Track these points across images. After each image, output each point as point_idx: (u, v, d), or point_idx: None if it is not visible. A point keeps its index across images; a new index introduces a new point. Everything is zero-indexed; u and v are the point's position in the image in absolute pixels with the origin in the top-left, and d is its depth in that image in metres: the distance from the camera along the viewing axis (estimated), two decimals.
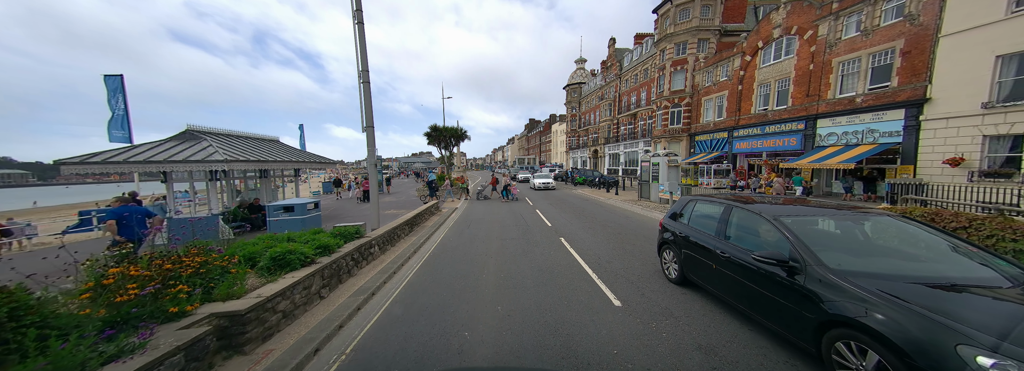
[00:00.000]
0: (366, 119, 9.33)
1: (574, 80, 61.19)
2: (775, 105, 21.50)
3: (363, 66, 9.27)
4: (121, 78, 13.97)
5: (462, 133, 28.56)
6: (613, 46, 47.16)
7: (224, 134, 12.56)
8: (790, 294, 3.00)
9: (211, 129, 12.04)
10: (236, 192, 14.03)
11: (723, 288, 3.93)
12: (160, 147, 10.15)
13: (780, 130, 20.85)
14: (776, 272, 3.13)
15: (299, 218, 7.58)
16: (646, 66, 37.69)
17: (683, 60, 29.80)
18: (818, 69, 18.53)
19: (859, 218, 3.50)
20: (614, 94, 45.33)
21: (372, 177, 9.63)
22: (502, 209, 15.94)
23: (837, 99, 17.60)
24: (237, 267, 4.42)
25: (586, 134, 56.14)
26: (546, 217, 12.83)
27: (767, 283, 3.22)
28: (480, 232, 10.47)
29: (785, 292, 3.04)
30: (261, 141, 14.15)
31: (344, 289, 5.52)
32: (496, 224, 11.81)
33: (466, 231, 10.83)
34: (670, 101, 30.88)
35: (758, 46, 22.48)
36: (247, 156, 10.80)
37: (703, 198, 4.91)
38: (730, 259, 3.75)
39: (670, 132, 31.16)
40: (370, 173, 9.66)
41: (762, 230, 3.68)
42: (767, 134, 21.84)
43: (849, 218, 3.54)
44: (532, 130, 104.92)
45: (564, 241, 8.77)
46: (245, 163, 10.58)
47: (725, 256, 3.84)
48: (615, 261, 6.76)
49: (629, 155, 40.94)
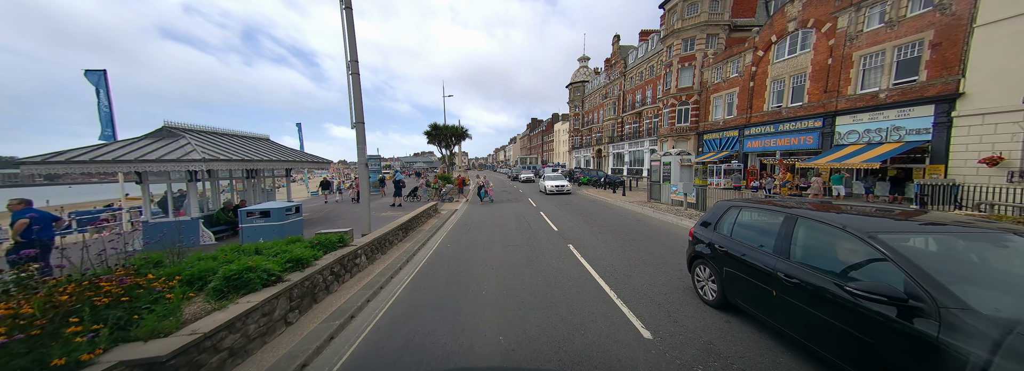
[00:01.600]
0: (355, 114, 8.50)
1: (577, 78, 60.25)
2: (790, 102, 20.55)
3: (351, 56, 8.44)
4: (103, 73, 13.18)
5: (463, 132, 27.72)
6: (617, 43, 46.23)
7: (207, 132, 11.76)
8: (908, 344, 2.14)
9: (191, 126, 11.23)
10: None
11: (790, 323, 3.04)
12: (133, 145, 9.34)
13: (796, 128, 19.90)
14: (882, 312, 2.28)
15: (277, 224, 6.75)
16: (651, 63, 36.76)
17: (691, 56, 28.86)
18: (837, 64, 17.58)
19: (997, 239, 2.55)
20: (618, 92, 44.40)
21: (363, 177, 8.79)
22: (505, 211, 15.08)
23: (858, 95, 16.65)
24: (176, 291, 3.57)
25: (589, 133, 55.23)
26: (552, 220, 11.96)
27: (868, 325, 2.36)
28: (480, 237, 9.62)
29: (900, 341, 2.18)
30: (249, 139, 13.34)
31: (319, 311, 4.68)
32: (498, 228, 10.96)
33: (465, 236, 9.98)
34: (677, 99, 29.95)
35: (771, 41, 21.53)
36: (230, 155, 9.99)
37: (750, 204, 4.02)
38: (800, 286, 2.88)
39: (677, 131, 30.23)
40: (360, 173, 8.82)
41: (845, 249, 2.82)
42: (781, 132, 20.89)
43: (979, 237, 2.62)
44: (534, 129, 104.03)
45: (573, 249, 7.91)
46: (227, 163, 9.76)
47: (792, 281, 2.97)
48: (635, 275, 5.89)
49: (634, 154, 40.02)
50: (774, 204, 3.76)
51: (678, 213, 11.61)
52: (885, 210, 3.36)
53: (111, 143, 9.46)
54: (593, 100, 54.48)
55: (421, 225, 11.47)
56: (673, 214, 11.52)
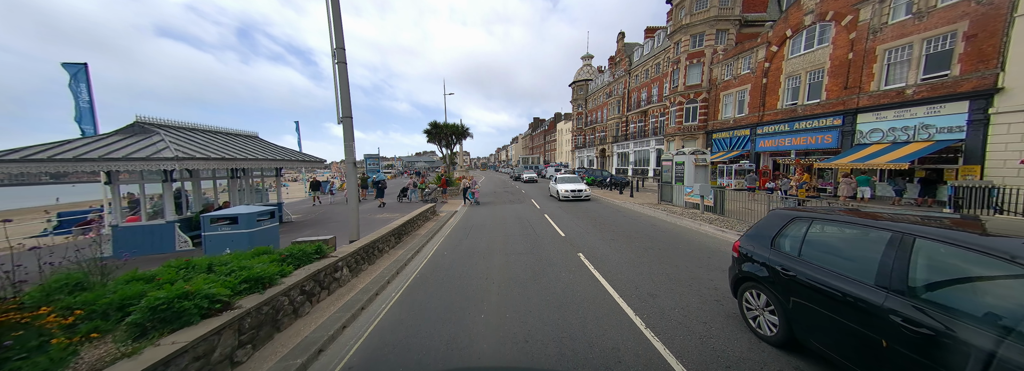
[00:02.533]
0: (342, 108, 7.65)
1: (580, 77, 59.30)
2: (806, 99, 19.60)
3: (337, 42, 7.58)
4: (85, 67, 12.37)
5: (464, 130, 26.86)
6: (622, 41, 45.26)
7: (186, 128, 10.92)
8: None
9: (168, 122, 10.40)
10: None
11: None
12: (99, 142, 8.51)
13: (812, 126, 18.95)
14: None
15: (246, 232, 5.85)
16: (658, 60, 35.81)
17: (700, 53, 27.91)
18: (859, 58, 16.63)
19: None
20: (623, 91, 43.46)
21: (350, 177, 7.93)
22: (507, 214, 14.21)
23: (882, 91, 15.70)
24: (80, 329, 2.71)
25: (593, 132, 54.29)
26: (557, 224, 11.08)
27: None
28: (480, 243, 8.74)
29: None
30: (234, 137, 12.51)
31: (280, 343, 3.82)
32: (499, 233, 10.08)
33: (464, 242, 9.11)
34: (685, 97, 29.01)
35: (786, 35, 20.57)
36: (208, 153, 9.15)
37: (826, 216, 3.09)
38: (938, 339, 2.01)
39: (685, 129, 29.30)
40: (348, 173, 7.97)
41: (1010, 287, 1.93)
42: (797, 131, 19.94)
43: None
44: (536, 129, 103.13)
45: (584, 259, 7.02)
46: (206, 161, 8.93)
47: (919, 331, 2.09)
48: (661, 294, 5.01)
49: (639, 154, 39.09)
50: (865, 217, 2.86)
51: (695, 217, 10.69)
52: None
53: (75, 140, 8.63)
54: (597, 99, 53.54)
55: (417, 229, 10.61)
56: (689, 218, 10.61)
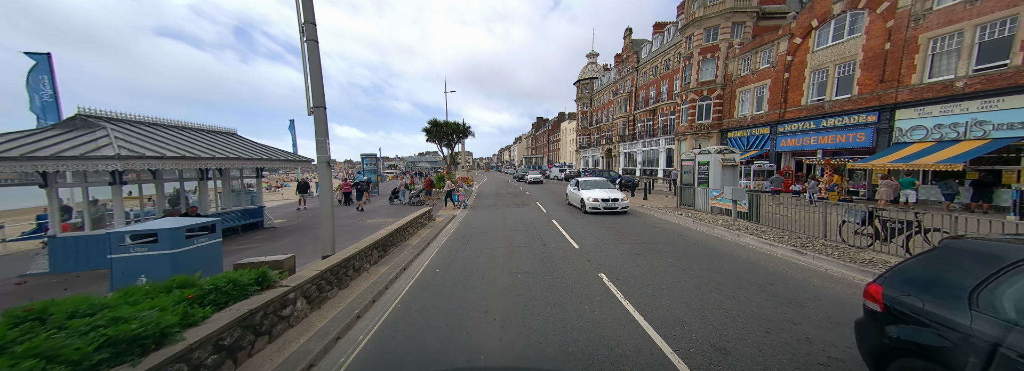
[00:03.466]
0: (313, 97, 6.30)
1: (585, 75, 57.86)
2: (834, 94, 18.11)
3: (306, 17, 6.23)
4: (48, 57, 11.09)
5: (465, 128, 25.52)
6: (629, 37, 43.81)
7: (145, 122, 9.60)
8: None
9: (121, 115, 9.09)
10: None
11: None
12: (28, 138, 7.21)
13: (843, 124, 17.46)
14: None
15: (168, 254, 4.41)
16: (668, 56, 34.34)
17: (714, 47, 26.43)
18: (897, 49, 15.14)
19: None
20: (630, 88, 41.99)
21: (324, 179, 6.58)
22: (511, 219, 12.83)
23: (926, 84, 14.21)
24: None
25: (598, 132, 52.82)
26: (569, 233, 9.68)
27: None
28: (480, 259, 7.36)
29: None
30: (206, 133, 11.21)
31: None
32: (503, 243, 8.70)
33: (461, 255, 7.73)
34: (698, 93, 27.54)
35: (811, 26, 19.09)
36: (162, 151, 7.84)
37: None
38: None
39: (697, 128, 27.82)
40: (321, 173, 6.61)
41: None
42: (824, 129, 18.45)
43: None
44: (540, 129, 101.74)
45: (609, 283, 5.62)
46: (158, 160, 7.62)
47: None
48: (732, 347, 3.57)
49: (648, 154, 37.60)
50: None
51: (729, 226, 9.23)
52: None
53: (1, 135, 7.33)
54: (602, 97, 52.08)
55: (407, 239, 9.24)
56: (723, 227, 9.17)
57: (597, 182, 15.49)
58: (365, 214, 14.73)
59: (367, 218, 13.54)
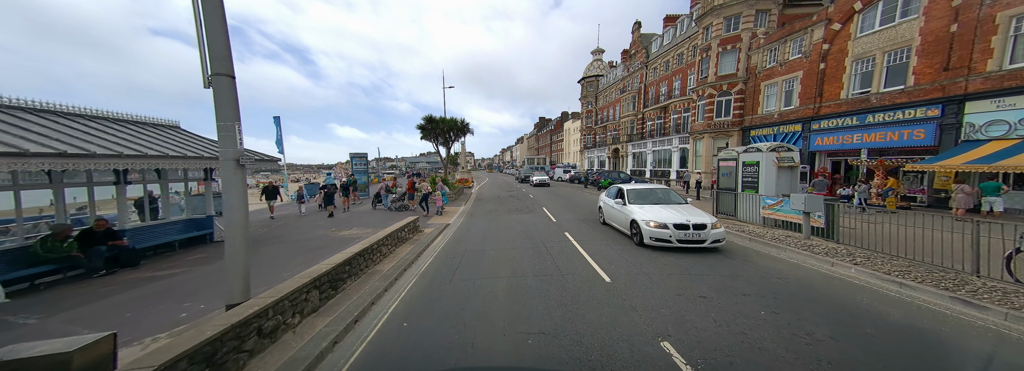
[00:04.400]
0: (212, 61, 4.12)
1: (590, 72, 55.69)
2: (883, 86, 15.88)
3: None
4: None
5: (463, 126, 23.36)
6: (638, 31, 41.61)
7: (39, 110, 7.45)
8: None
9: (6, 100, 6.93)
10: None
11: None
12: None
13: (894, 119, 15.23)
14: None
15: None
16: (680, 50, 32.14)
17: (735, 37, 24.22)
18: (967, 30, 12.91)
19: None
20: (639, 85, 39.79)
21: (232, 187, 4.41)
22: (513, 230, 10.65)
23: (1007, 71, 11.98)
24: None
25: (604, 131, 50.61)
26: (591, 255, 7.47)
27: None
28: (471, 303, 5.11)
29: None
30: (133, 126, 9.07)
31: None
32: (504, 271, 6.51)
33: (446, 291, 5.54)
34: (716, 88, 25.32)
35: (854, 9, 16.86)
36: (24, 146, 5.68)
37: None
38: None
39: (716, 126, 25.60)
40: (225, 177, 4.44)
41: None
42: (870, 125, 16.21)
43: None
44: (542, 129, 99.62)
45: (680, 359, 3.43)
46: (40, 159, 5.48)
47: None
48: None
49: (659, 154, 35.35)
50: None
51: (808, 249, 6.83)
52: None
53: None
54: (608, 95, 49.87)
55: (377, 263, 7.05)
56: (800, 251, 6.76)
57: (655, 194, 9.56)
58: (340, 222, 12.56)
59: (341, 228, 11.37)
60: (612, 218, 10.02)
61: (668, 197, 9.48)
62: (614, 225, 9.84)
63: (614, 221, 9.80)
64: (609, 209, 10.25)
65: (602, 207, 11.13)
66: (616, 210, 9.47)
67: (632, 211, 8.45)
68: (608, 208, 10.34)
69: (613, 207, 9.74)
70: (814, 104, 19.00)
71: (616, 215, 9.55)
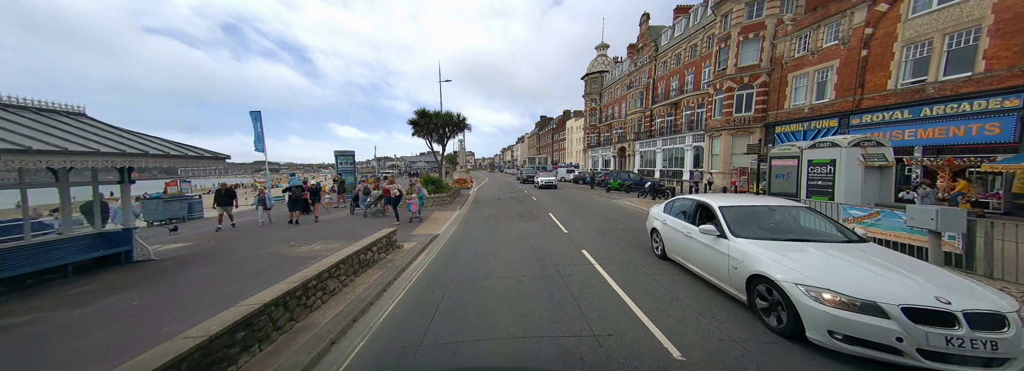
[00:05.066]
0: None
1: (594, 68, 53.55)
2: (942, 74, 13.73)
3: None
4: None
5: (460, 121, 21.24)
6: (646, 23, 39.46)
7: None
8: None
9: None
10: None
11: None
12: None
13: (958, 112, 13.09)
14: None
15: None
16: (694, 42, 29.99)
17: (758, 25, 22.08)
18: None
19: None
20: (647, 80, 37.64)
21: None
22: (516, 246, 8.55)
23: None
24: None
25: (609, 130, 48.45)
26: (619, 283, 5.39)
27: None
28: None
29: None
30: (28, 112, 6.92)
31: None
32: (504, 321, 4.39)
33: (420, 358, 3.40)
34: (736, 81, 23.17)
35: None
36: None
37: None
38: None
39: (735, 122, 23.47)
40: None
41: None
42: (926, 119, 14.07)
43: None
44: (544, 128, 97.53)
45: None
46: None
47: None
48: None
49: (669, 153, 33.21)
50: None
51: None
52: None
53: None
54: (614, 92, 47.71)
55: (306, 314, 4.88)
56: None
57: (778, 216, 5.55)
58: (304, 234, 10.41)
59: (302, 242, 9.23)
60: (685, 253, 5.85)
61: (811, 225, 5.28)
62: (690, 267, 5.74)
63: (690, 259, 5.71)
64: (676, 236, 6.15)
65: (659, 231, 6.85)
66: (700, 244, 5.31)
67: (753, 256, 4.24)
68: (673, 233, 6.26)
69: (691, 237, 5.59)
70: (854, 96, 16.85)
71: (697, 250, 5.42)
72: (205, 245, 9.45)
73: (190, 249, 9.04)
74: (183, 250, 8.94)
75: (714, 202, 5.60)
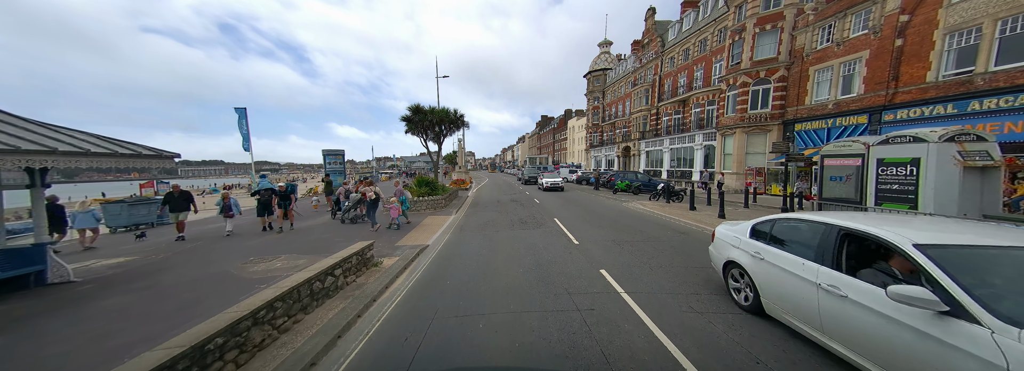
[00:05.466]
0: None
1: (597, 66, 52.12)
2: (993, 64, 12.28)
3: None
4: None
5: (457, 118, 19.78)
6: (652, 18, 37.98)
7: None
8: None
9: None
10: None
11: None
12: None
13: (1015, 105, 11.63)
14: None
15: None
16: (704, 35, 28.51)
17: (776, 15, 20.60)
18: None
19: None
20: (653, 77, 36.18)
21: None
22: (519, 264, 7.12)
23: None
24: None
25: (613, 129, 46.97)
26: (670, 338, 3.95)
27: None
28: None
29: None
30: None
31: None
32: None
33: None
34: (751, 76, 21.71)
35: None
36: None
37: None
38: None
39: (750, 119, 21.99)
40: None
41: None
42: (975, 114, 12.62)
43: None
44: (545, 127, 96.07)
45: None
46: None
47: None
48: None
49: (678, 152, 31.72)
50: None
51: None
52: None
53: None
54: (617, 90, 46.24)
55: (255, 358, 3.41)
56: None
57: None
58: (268, 247, 8.93)
59: (262, 258, 7.76)
60: (829, 323, 3.12)
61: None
62: (835, 348, 3.10)
63: (842, 337, 3.03)
64: (793, 284, 3.57)
65: (745, 267, 4.35)
66: (878, 319, 2.70)
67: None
68: (785, 278, 3.69)
69: (848, 299, 2.93)
70: (887, 90, 15.39)
71: (866, 328, 2.79)
72: (151, 259, 7.99)
73: (131, 265, 7.58)
74: (122, 267, 7.47)
75: (899, 235, 2.81)
